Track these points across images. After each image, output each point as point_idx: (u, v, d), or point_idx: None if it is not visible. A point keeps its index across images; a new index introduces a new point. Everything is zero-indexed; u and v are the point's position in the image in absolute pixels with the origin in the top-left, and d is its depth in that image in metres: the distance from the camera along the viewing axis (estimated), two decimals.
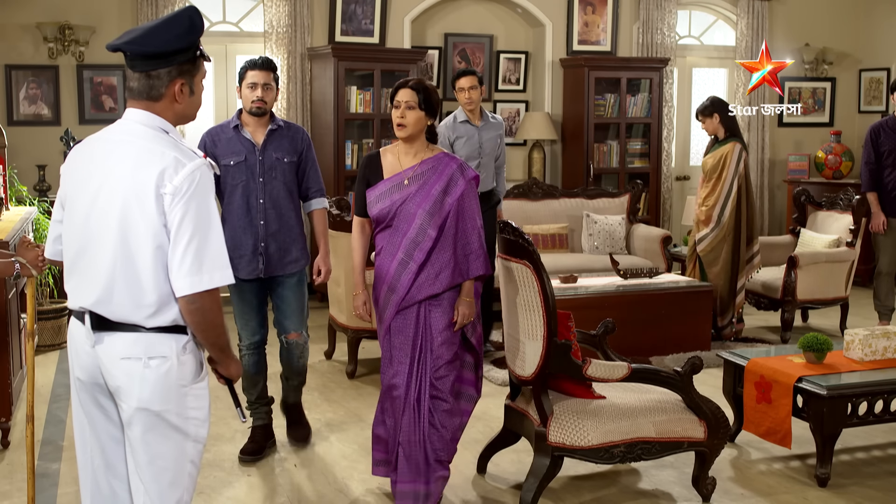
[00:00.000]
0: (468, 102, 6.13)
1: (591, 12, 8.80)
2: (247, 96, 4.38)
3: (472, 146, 6.12)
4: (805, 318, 7.44)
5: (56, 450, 4.63)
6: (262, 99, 4.36)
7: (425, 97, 3.80)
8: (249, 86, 4.37)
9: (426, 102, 3.80)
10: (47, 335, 6.34)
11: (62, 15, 7.31)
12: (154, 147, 2.51)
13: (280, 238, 4.42)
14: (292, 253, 4.46)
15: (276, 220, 4.40)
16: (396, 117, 3.80)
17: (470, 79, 6.11)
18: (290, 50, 7.80)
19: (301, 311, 4.56)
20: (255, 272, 4.39)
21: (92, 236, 2.54)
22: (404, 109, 3.78)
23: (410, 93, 3.79)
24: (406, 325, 3.80)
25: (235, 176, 4.36)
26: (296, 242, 4.47)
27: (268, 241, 4.39)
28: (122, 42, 2.53)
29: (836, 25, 9.68)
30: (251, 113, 4.38)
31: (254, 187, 4.36)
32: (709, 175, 6.67)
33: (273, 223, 4.40)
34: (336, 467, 4.47)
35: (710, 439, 4.00)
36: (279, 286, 4.49)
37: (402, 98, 3.80)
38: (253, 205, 4.37)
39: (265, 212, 4.38)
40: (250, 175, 4.36)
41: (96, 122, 7.20)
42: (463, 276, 3.81)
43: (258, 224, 4.37)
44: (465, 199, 3.79)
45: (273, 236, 4.40)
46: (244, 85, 4.39)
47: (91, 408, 2.65)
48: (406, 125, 3.79)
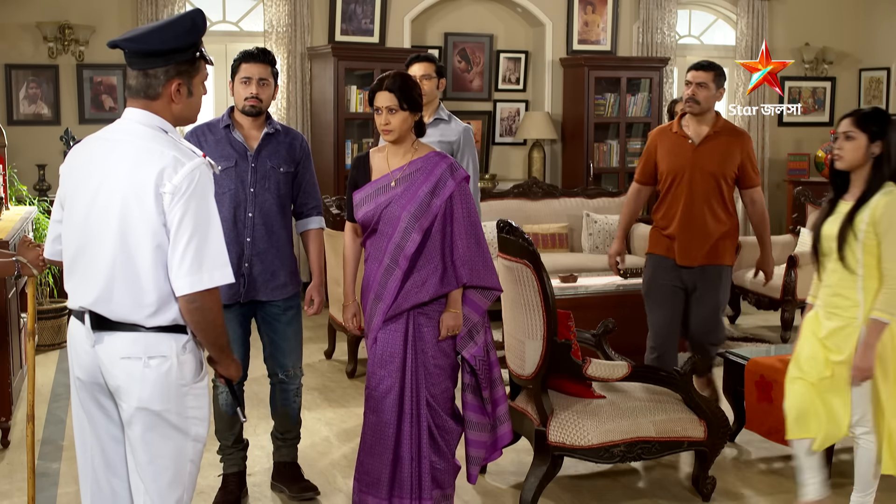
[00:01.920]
0: None
1: (591, 12, 8.80)
2: (239, 93, 3.83)
3: None
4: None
5: (56, 449, 4.63)
6: (257, 96, 3.80)
7: (404, 95, 3.52)
8: (243, 80, 3.81)
9: (407, 100, 3.53)
10: (47, 335, 6.34)
11: (62, 14, 7.31)
12: (153, 146, 2.51)
13: (268, 259, 3.85)
14: (280, 277, 3.89)
15: (265, 237, 3.83)
16: (381, 124, 3.55)
17: (424, 66, 4.82)
18: (290, 49, 7.81)
19: (300, 348, 4.08)
20: (234, 296, 3.80)
21: (91, 236, 2.54)
22: (386, 115, 3.52)
23: (388, 96, 3.51)
24: (394, 336, 3.56)
25: (222, 183, 3.74)
26: (285, 265, 3.91)
27: (252, 261, 3.82)
28: (120, 38, 2.54)
29: (836, 25, 9.68)
30: (244, 112, 3.83)
31: (243, 198, 3.79)
32: None
33: (261, 241, 3.83)
34: (336, 467, 4.47)
35: (710, 439, 4.00)
36: (271, 318, 3.94)
37: (381, 103, 3.53)
38: (240, 218, 3.79)
39: (253, 227, 3.81)
40: (240, 184, 3.80)
41: (96, 122, 7.19)
42: (451, 285, 3.56)
43: (244, 240, 3.81)
44: (454, 201, 3.54)
45: (260, 256, 3.83)
46: (237, 79, 3.84)
47: (91, 407, 2.65)
48: (392, 130, 3.54)
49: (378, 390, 3.58)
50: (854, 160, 3.54)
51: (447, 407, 3.66)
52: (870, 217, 3.46)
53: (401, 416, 3.57)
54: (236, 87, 3.86)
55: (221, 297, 3.70)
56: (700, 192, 4.65)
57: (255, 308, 3.93)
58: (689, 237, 4.68)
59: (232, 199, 3.79)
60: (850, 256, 3.49)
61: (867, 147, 3.52)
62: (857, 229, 3.47)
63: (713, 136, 4.68)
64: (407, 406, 3.56)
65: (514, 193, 7.89)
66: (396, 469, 3.59)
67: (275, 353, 4.01)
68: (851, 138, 3.54)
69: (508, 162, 8.94)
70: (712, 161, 4.65)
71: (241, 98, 3.83)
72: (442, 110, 4.83)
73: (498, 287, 3.67)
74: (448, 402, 3.66)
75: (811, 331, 3.64)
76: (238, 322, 3.89)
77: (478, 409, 3.70)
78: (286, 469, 4.16)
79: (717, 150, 4.66)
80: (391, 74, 3.61)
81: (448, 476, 3.68)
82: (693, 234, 4.67)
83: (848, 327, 3.52)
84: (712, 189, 4.65)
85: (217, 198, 3.65)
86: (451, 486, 3.70)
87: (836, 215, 3.59)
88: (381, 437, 3.58)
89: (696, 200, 4.66)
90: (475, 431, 3.71)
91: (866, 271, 3.49)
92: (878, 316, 3.44)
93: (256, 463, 4.44)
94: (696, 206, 4.66)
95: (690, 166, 4.65)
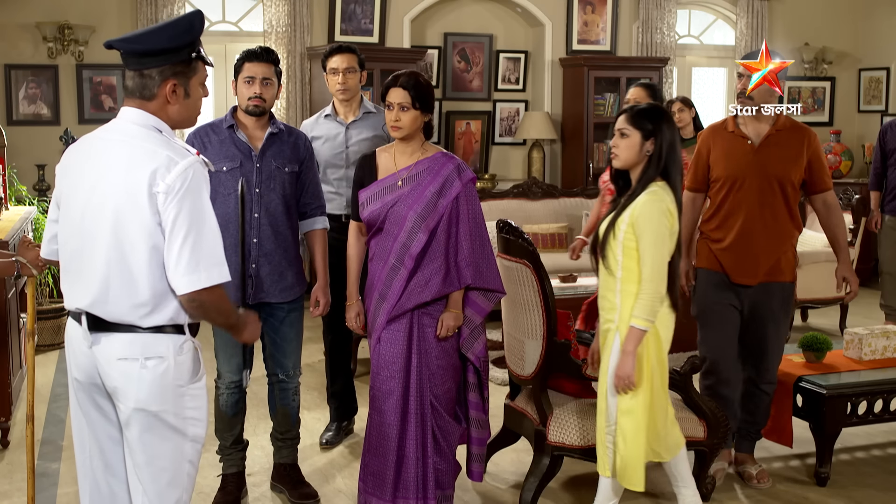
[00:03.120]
0: (341, 90, 4.60)
1: (591, 12, 8.80)
2: (243, 92, 3.81)
3: (334, 149, 4.63)
4: (805, 318, 7.44)
5: (56, 449, 4.63)
6: (261, 96, 3.78)
7: (418, 94, 3.53)
8: (246, 80, 3.79)
9: (420, 99, 3.54)
10: (47, 335, 6.34)
11: (62, 14, 7.30)
12: (147, 146, 2.51)
13: (275, 259, 3.83)
14: (287, 278, 3.88)
15: (272, 237, 3.82)
16: (391, 120, 3.55)
17: (347, 58, 4.57)
18: (290, 49, 7.80)
19: (300, 348, 4.07)
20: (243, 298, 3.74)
21: (87, 236, 2.54)
22: (398, 111, 3.53)
23: (402, 93, 3.52)
24: (398, 337, 3.56)
25: (228, 184, 3.75)
26: (292, 266, 3.89)
27: (260, 262, 3.80)
28: (116, 39, 2.55)
29: (836, 25, 9.68)
30: (248, 112, 3.81)
31: (249, 199, 3.79)
32: None
33: (268, 241, 3.81)
34: (336, 468, 4.47)
35: (710, 438, 3.99)
36: (274, 319, 3.91)
37: (393, 99, 3.54)
38: (247, 219, 3.75)
39: (260, 228, 3.80)
40: (245, 184, 3.73)
41: (96, 122, 7.15)
42: (454, 286, 3.57)
43: (251, 242, 3.79)
44: (460, 202, 3.55)
45: (267, 257, 3.81)
46: (240, 79, 3.81)
47: (89, 408, 2.65)
48: (402, 127, 3.54)
49: (382, 390, 3.59)
50: (628, 158, 3.42)
51: (449, 408, 3.67)
52: (629, 217, 3.33)
53: (405, 417, 3.57)
54: (239, 86, 3.83)
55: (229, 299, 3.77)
56: (763, 200, 4.05)
57: (260, 309, 3.87)
58: (749, 251, 4.09)
59: (238, 201, 3.71)
60: (610, 258, 3.37)
61: (641, 145, 3.39)
62: (617, 230, 3.35)
63: (775, 135, 4.12)
64: (411, 406, 3.57)
65: (513, 193, 7.89)
66: (401, 469, 3.59)
67: (275, 354, 3.99)
68: (626, 136, 3.41)
69: (508, 162, 8.94)
70: (776, 163, 4.06)
71: (244, 98, 3.81)
72: (367, 103, 4.73)
73: (501, 289, 3.67)
74: (450, 402, 3.67)
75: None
76: None
77: (481, 407, 3.73)
78: (286, 471, 4.14)
79: (781, 151, 4.09)
80: (406, 72, 3.63)
81: (449, 476, 3.69)
82: (754, 247, 4.08)
83: (609, 331, 3.40)
84: (777, 195, 4.06)
85: (221, 199, 3.73)
86: (451, 487, 3.71)
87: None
88: (385, 437, 3.58)
89: (759, 209, 4.05)
90: (478, 430, 3.75)
91: (625, 274, 3.35)
92: (636, 323, 3.30)
93: (256, 463, 4.44)
94: (758, 216, 4.06)
95: (751, 170, 4.07)
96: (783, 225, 4.09)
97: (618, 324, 3.36)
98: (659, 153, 3.38)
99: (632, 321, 3.31)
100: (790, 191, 4.08)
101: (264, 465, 4.41)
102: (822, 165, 4.16)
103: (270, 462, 4.28)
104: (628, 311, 3.34)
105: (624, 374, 3.32)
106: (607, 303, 3.43)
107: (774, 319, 4.16)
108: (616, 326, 3.37)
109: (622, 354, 3.34)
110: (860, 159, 9.49)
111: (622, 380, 3.33)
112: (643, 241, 3.30)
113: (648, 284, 3.29)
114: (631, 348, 3.32)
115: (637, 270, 3.33)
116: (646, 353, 3.37)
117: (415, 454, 3.57)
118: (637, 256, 3.32)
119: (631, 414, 3.39)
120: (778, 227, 4.08)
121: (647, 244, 3.29)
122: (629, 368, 3.32)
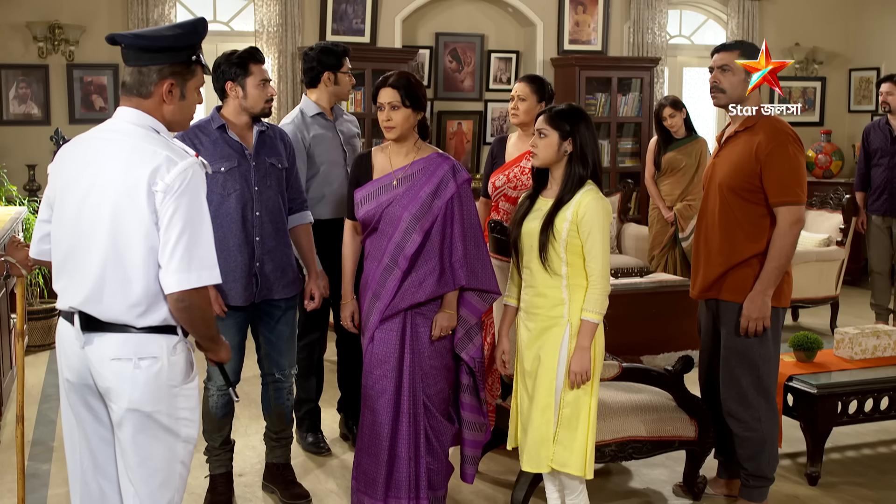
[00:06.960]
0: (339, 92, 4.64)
1: (582, 12, 8.81)
2: (258, 94, 3.81)
3: (333, 148, 4.55)
4: (795, 318, 7.46)
5: (46, 450, 4.61)
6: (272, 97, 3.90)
7: (408, 93, 3.53)
8: (261, 83, 3.81)
9: (411, 98, 3.54)
10: (37, 335, 6.32)
11: (52, 14, 7.28)
12: (146, 146, 2.51)
13: (277, 256, 3.86)
14: (288, 274, 3.91)
15: (273, 234, 3.85)
16: (383, 120, 3.55)
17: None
18: (281, 49, 7.79)
19: (295, 346, 4.08)
20: (249, 297, 3.80)
21: (82, 235, 2.53)
22: (388, 111, 3.53)
23: (392, 92, 3.53)
24: (391, 336, 3.56)
25: (228, 184, 3.76)
26: (290, 262, 3.93)
27: (263, 260, 3.82)
28: (120, 33, 2.57)
29: (827, 25, 9.71)
30: (263, 114, 3.86)
31: (249, 197, 3.78)
32: (685, 170, 6.74)
33: (270, 239, 3.83)
34: (328, 467, 4.46)
35: (701, 438, 4.00)
36: (271, 318, 3.94)
37: (384, 99, 3.54)
38: (248, 217, 3.78)
39: (261, 226, 3.81)
40: (245, 183, 3.78)
41: (86, 122, 7.16)
42: (449, 286, 3.56)
43: (254, 240, 3.80)
44: (455, 203, 3.55)
45: (270, 254, 3.83)
46: (252, 82, 3.81)
47: (80, 409, 2.64)
48: (394, 126, 3.54)
49: (374, 389, 3.58)
50: (547, 157, 3.44)
51: (443, 408, 3.66)
52: (572, 216, 3.34)
53: (398, 416, 3.57)
54: (251, 89, 3.81)
55: (237, 299, 3.79)
56: (722, 209, 3.74)
57: (257, 309, 3.91)
58: (695, 262, 3.91)
59: (239, 200, 3.78)
60: (553, 257, 3.37)
61: (559, 144, 3.41)
62: (558, 229, 3.36)
63: (733, 138, 3.81)
64: (404, 406, 3.56)
65: None
66: (393, 469, 3.58)
67: (271, 353, 3.99)
68: (544, 135, 3.43)
69: None
70: (722, 169, 3.77)
71: (260, 100, 3.82)
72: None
73: (496, 290, 3.66)
74: (443, 403, 3.66)
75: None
76: (238, 328, 3.86)
77: (475, 409, 3.71)
78: (278, 470, 4.14)
79: (730, 156, 3.77)
80: (396, 72, 3.64)
81: (441, 477, 3.68)
82: (697, 258, 3.89)
83: (554, 327, 3.40)
84: (729, 204, 3.71)
85: (221, 199, 3.75)
86: (443, 488, 3.71)
87: (536, 212, 3.47)
88: (377, 436, 3.58)
89: (718, 218, 3.75)
90: (472, 431, 3.73)
91: (571, 270, 3.36)
92: (588, 317, 3.33)
93: (247, 464, 4.43)
94: (713, 225, 3.77)
95: (709, 176, 3.87)
96: (733, 237, 3.69)
97: (568, 317, 3.38)
98: (581, 153, 3.42)
99: (583, 315, 3.35)
100: (744, 200, 3.68)
101: (256, 465, 4.41)
102: (773, 174, 3.62)
103: (262, 462, 4.28)
104: (578, 303, 3.37)
105: (581, 368, 3.35)
106: (547, 300, 3.42)
107: (727, 345, 3.78)
108: (567, 319, 3.38)
109: (578, 350, 3.35)
110: (850, 159, 9.51)
111: (579, 374, 3.35)
112: (591, 237, 3.33)
113: (599, 280, 3.33)
114: (587, 343, 3.35)
115: (581, 265, 3.36)
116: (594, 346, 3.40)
117: (407, 454, 3.56)
118: (582, 253, 3.35)
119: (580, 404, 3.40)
120: (728, 239, 3.71)
121: (595, 241, 3.34)
122: (586, 363, 3.35)
